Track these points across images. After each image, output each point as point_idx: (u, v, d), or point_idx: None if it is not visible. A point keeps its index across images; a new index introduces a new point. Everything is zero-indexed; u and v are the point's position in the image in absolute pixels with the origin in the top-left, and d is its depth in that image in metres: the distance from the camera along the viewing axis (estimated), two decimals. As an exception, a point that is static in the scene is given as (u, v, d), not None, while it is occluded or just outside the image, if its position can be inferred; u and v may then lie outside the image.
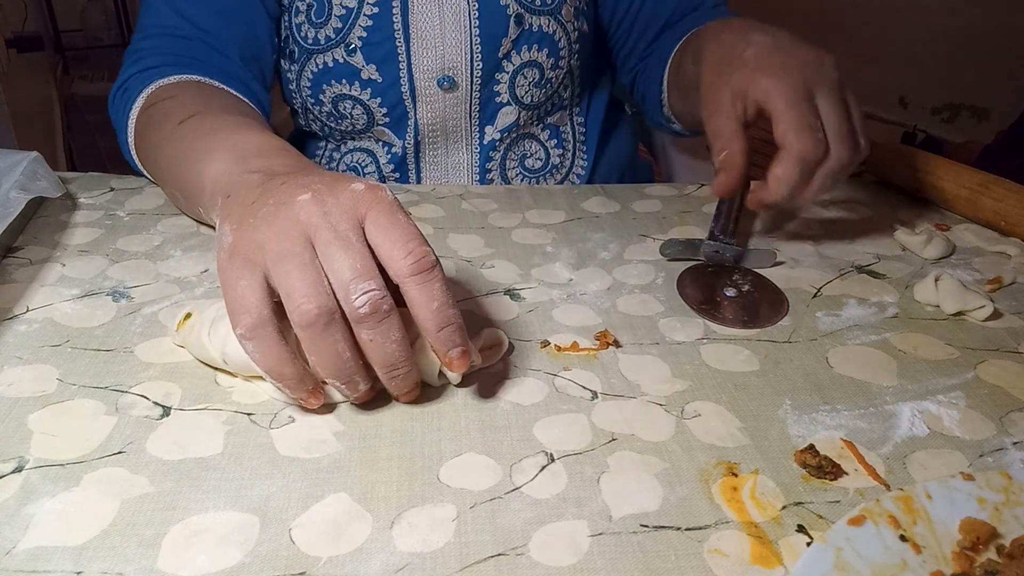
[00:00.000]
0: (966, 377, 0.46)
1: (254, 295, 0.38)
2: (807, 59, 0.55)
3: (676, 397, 0.43)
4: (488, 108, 0.75)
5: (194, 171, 0.50)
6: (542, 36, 0.72)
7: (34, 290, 0.50)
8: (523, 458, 0.38)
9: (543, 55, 0.73)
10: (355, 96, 0.72)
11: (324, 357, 0.38)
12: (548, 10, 0.72)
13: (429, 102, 0.73)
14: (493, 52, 0.71)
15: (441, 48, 0.71)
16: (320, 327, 0.37)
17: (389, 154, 0.77)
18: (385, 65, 0.71)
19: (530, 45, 0.72)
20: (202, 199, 0.49)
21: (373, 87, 0.72)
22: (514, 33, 0.71)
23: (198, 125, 0.55)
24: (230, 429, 0.39)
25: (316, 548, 0.33)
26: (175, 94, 0.61)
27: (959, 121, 2.86)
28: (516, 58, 0.73)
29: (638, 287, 0.54)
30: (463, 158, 0.77)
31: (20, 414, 0.40)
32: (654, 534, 0.34)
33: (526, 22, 0.71)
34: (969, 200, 0.65)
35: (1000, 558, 0.33)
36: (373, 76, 0.71)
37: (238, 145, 0.49)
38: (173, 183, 0.57)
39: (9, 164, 0.57)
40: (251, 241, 0.39)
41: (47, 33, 2.48)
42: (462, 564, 0.33)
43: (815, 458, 0.39)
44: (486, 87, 0.73)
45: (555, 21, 0.73)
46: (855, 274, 0.57)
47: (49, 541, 0.33)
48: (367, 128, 0.75)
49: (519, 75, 0.73)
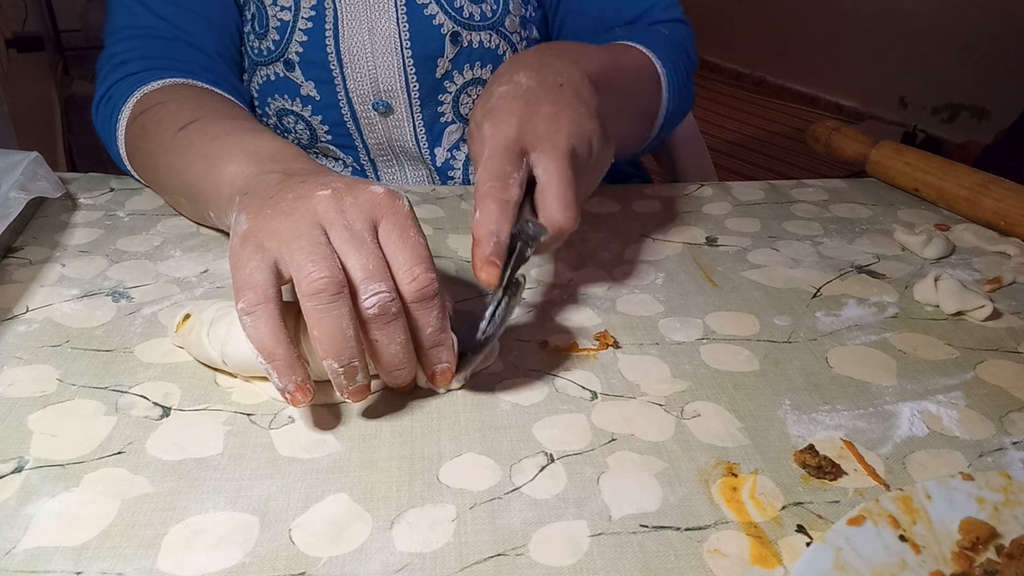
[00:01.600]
0: (966, 377, 0.46)
1: (261, 275, 0.38)
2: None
3: (676, 397, 0.43)
4: (434, 129, 0.72)
5: (208, 176, 0.50)
6: (483, 52, 0.69)
7: (34, 290, 0.50)
8: (523, 458, 0.38)
9: (486, 71, 0.70)
10: (296, 112, 0.70)
11: (328, 330, 0.37)
12: (488, 24, 0.68)
13: (370, 125, 0.71)
14: (429, 73, 0.69)
15: (373, 71, 0.68)
16: (328, 296, 0.37)
17: (347, 169, 0.75)
18: (322, 85, 0.68)
19: (471, 63, 0.69)
20: (217, 203, 0.49)
21: (313, 104, 0.69)
22: (451, 52, 0.68)
23: (201, 131, 0.54)
24: (230, 429, 0.40)
25: (316, 548, 0.33)
26: (164, 100, 0.59)
27: (959, 121, 2.86)
28: (458, 77, 0.70)
29: (638, 287, 0.54)
30: (421, 174, 0.75)
31: (20, 414, 0.40)
32: (654, 534, 0.34)
33: (464, 39, 0.68)
34: (969, 200, 0.65)
35: (999, 558, 0.33)
36: (312, 94, 0.69)
37: (253, 149, 0.49)
38: (179, 189, 0.56)
39: (9, 164, 0.57)
40: (266, 228, 0.39)
41: (47, 33, 2.48)
42: (462, 564, 0.33)
43: (815, 458, 0.39)
44: (427, 108, 0.70)
45: (497, 35, 0.69)
46: (855, 274, 0.57)
47: (49, 541, 0.33)
48: (312, 143, 0.73)
49: (463, 94, 0.71)
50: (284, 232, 0.39)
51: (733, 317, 0.51)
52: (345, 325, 0.37)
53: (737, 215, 0.66)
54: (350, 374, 0.38)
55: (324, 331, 0.37)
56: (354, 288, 0.38)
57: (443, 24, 0.67)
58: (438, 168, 0.74)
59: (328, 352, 0.37)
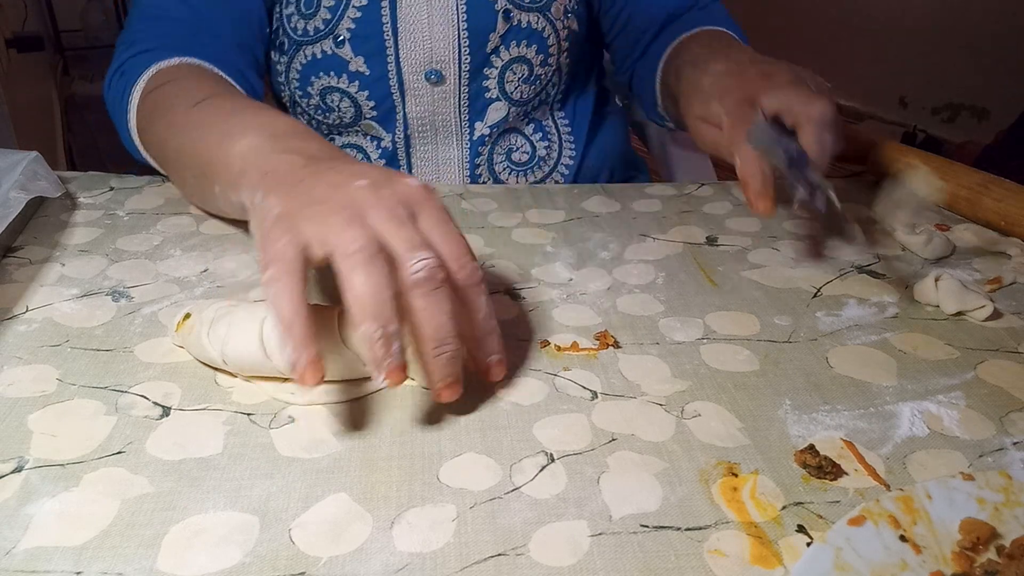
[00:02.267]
0: (966, 377, 0.46)
1: (291, 251, 0.38)
2: (802, 73, 0.57)
3: (676, 397, 0.43)
4: (477, 103, 0.75)
5: (219, 149, 0.50)
6: (531, 32, 0.73)
7: (34, 290, 0.50)
8: (523, 458, 0.38)
9: (532, 51, 0.74)
10: (343, 89, 0.72)
11: (367, 287, 0.36)
12: (537, 7, 0.72)
13: (417, 96, 0.73)
14: (481, 47, 0.72)
15: (429, 41, 0.71)
16: (367, 254, 0.36)
17: (379, 149, 0.77)
18: (373, 58, 0.71)
19: (519, 41, 0.73)
20: (226, 176, 0.49)
21: (361, 80, 0.72)
22: (502, 28, 0.72)
23: (216, 107, 0.55)
24: (230, 429, 0.39)
25: (316, 548, 0.33)
26: (177, 77, 0.61)
27: (959, 121, 2.86)
28: (504, 53, 0.73)
29: (638, 287, 0.54)
30: (453, 153, 0.77)
31: (20, 414, 0.40)
32: (654, 534, 0.34)
33: (514, 18, 0.72)
34: (969, 200, 0.65)
35: (1000, 558, 0.33)
36: (361, 69, 0.71)
37: (268, 125, 0.49)
38: (188, 164, 0.56)
39: (9, 164, 0.57)
40: (300, 213, 0.39)
41: (47, 33, 2.48)
42: (462, 564, 0.33)
43: (815, 458, 0.39)
44: (474, 82, 0.74)
45: (544, 18, 0.73)
46: (855, 274, 0.57)
47: (49, 541, 0.33)
48: (354, 122, 0.75)
49: (508, 71, 0.74)
50: (320, 216, 0.38)
51: (733, 317, 0.51)
52: (384, 285, 0.36)
53: (737, 215, 0.66)
54: (387, 342, 0.36)
55: (362, 290, 0.36)
56: (397, 260, 0.37)
57: (497, 0, 0.71)
58: (472, 143, 0.77)
59: (365, 314, 0.36)
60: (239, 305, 0.43)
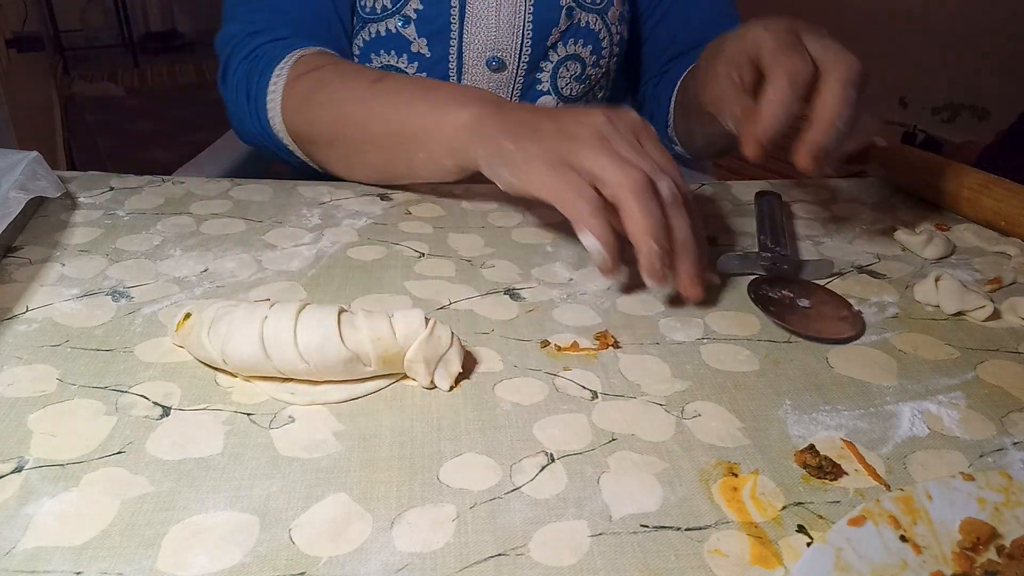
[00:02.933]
0: (966, 377, 0.46)
1: (588, 189, 0.48)
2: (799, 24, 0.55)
3: (676, 397, 0.43)
4: (529, 95, 0.77)
5: (432, 118, 0.57)
6: (588, 32, 0.75)
7: (34, 290, 0.50)
8: (523, 458, 0.38)
9: (587, 51, 0.76)
10: (402, 68, 0.74)
11: (650, 218, 0.47)
12: (597, 9, 0.75)
13: (475, 82, 0.75)
14: (542, 39, 0.74)
15: (495, 29, 0.73)
16: (649, 191, 0.47)
17: None
18: (436, 40, 0.72)
19: (576, 39, 0.75)
20: (442, 142, 0.57)
21: (421, 61, 0.73)
22: (564, 24, 0.74)
23: (404, 83, 0.61)
24: (230, 429, 0.39)
25: (316, 548, 0.33)
26: (326, 64, 0.65)
27: (959, 121, 2.86)
28: (562, 49, 0.75)
29: (638, 287, 0.54)
30: None
31: (20, 414, 0.40)
32: (654, 534, 0.34)
33: (576, 16, 0.74)
34: (969, 200, 0.65)
35: (1000, 558, 0.33)
36: (422, 50, 0.73)
37: (481, 96, 0.57)
38: (373, 136, 0.61)
39: (9, 164, 0.57)
40: (566, 147, 0.49)
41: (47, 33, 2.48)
42: (462, 564, 0.33)
43: (815, 458, 0.39)
44: (531, 73, 0.75)
45: (601, 20, 0.75)
46: (855, 274, 0.57)
47: (49, 541, 0.33)
48: None
49: (562, 66, 0.76)
50: (584, 150, 0.48)
51: (733, 317, 0.51)
52: (658, 211, 0.47)
53: (737, 215, 0.66)
54: (661, 254, 0.47)
55: (647, 219, 0.47)
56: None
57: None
58: None
59: (650, 233, 0.47)
60: (239, 305, 0.43)
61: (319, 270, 0.54)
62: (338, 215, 0.62)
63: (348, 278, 0.54)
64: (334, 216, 0.62)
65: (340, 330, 0.41)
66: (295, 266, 0.55)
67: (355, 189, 0.67)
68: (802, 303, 0.52)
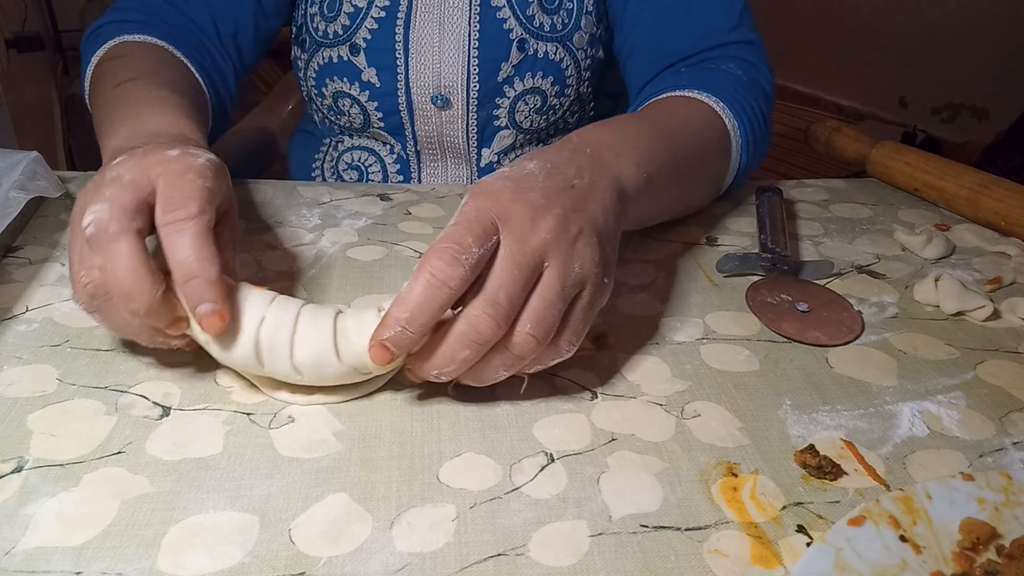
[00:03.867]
0: (966, 377, 0.46)
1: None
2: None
3: (676, 397, 0.43)
4: (486, 130, 0.74)
5: (104, 139, 0.52)
6: (547, 63, 0.71)
7: (34, 290, 0.50)
8: (523, 458, 0.38)
9: (547, 82, 0.71)
10: (353, 96, 0.72)
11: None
12: (557, 37, 0.70)
13: (424, 117, 0.73)
14: (492, 75, 0.70)
15: (438, 66, 0.70)
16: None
17: (393, 154, 0.77)
18: (384, 72, 0.71)
19: (534, 72, 0.71)
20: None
21: (371, 91, 0.72)
22: (516, 58, 0.70)
23: (125, 94, 0.55)
24: (230, 429, 0.39)
25: (316, 548, 0.33)
26: (127, 54, 0.62)
27: (959, 121, 2.86)
28: (518, 84, 0.71)
29: (638, 287, 0.54)
30: (463, 172, 0.77)
31: (20, 414, 0.40)
32: (654, 534, 0.34)
33: (530, 48, 0.70)
34: (969, 200, 0.65)
35: (1000, 558, 0.33)
36: (373, 80, 0.71)
37: (137, 128, 0.50)
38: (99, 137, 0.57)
39: (9, 164, 0.57)
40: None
41: (47, 33, 2.48)
42: (462, 564, 0.33)
43: (815, 458, 0.39)
44: (483, 109, 0.72)
45: (563, 48, 0.71)
46: (855, 274, 0.57)
47: (49, 541, 0.33)
48: (363, 128, 0.75)
49: (520, 101, 0.72)
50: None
51: (733, 317, 0.51)
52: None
53: (737, 215, 0.66)
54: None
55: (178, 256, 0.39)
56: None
57: (512, 29, 0.69)
58: (481, 169, 0.76)
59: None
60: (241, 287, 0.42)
61: (319, 270, 0.54)
62: (338, 215, 0.62)
63: (348, 278, 0.54)
64: (334, 216, 0.62)
65: (336, 344, 0.40)
66: (295, 266, 0.55)
67: (355, 189, 0.67)
68: (801, 307, 0.51)
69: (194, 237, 0.38)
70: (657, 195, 0.52)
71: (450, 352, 0.38)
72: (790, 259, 0.56)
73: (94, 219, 0.38)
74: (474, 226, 0.38)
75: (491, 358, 0.39)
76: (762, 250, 0.58)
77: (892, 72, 3.01)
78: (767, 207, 0.63)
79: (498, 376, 0.39)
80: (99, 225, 0.37)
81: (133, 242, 0.38)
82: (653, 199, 0.52)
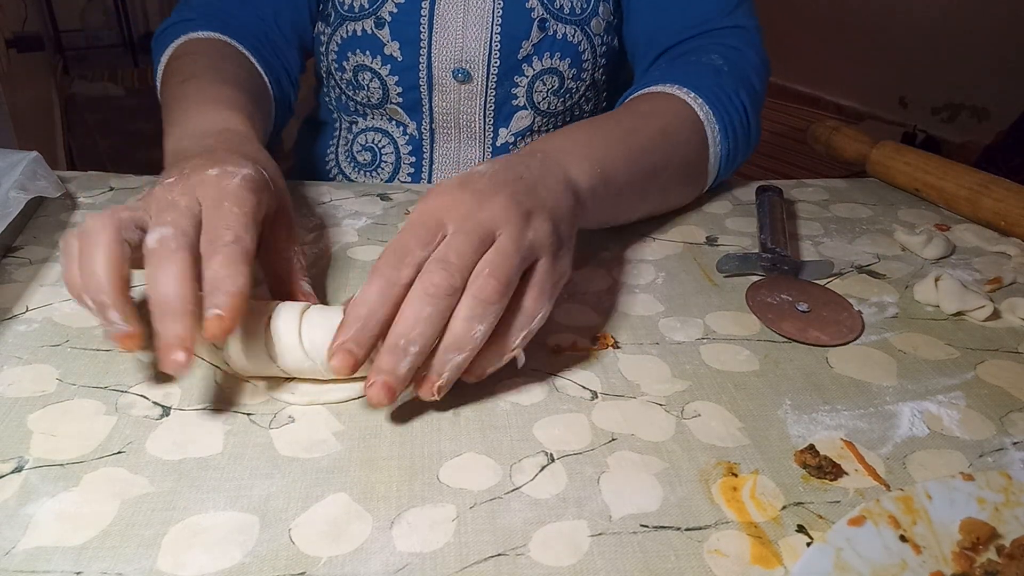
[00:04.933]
0: (966, 377, 0.46)
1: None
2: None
3: (676, 397, 0.43)
4: (504, 109, 0.75)
5: (164, 139, 0.54)
6: (565, 45, 0.72)
7: (34, 290, 0.50)
8: (523, 458, 0.38)
9: (564, 64, 0.73)
10: (375, 69, 0.73)
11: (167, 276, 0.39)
12: (576, 20, 0.72)
13: (444, 92, 0.74)
14: (512, 52, 0.72)
15: (460, 40, 0.72)
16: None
17: (406, 135, 0.78)
18: (408, 46, 0.72)
19: (552, 52, 0.73)
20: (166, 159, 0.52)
21: (393, 64, 0.73)
22: (536, 37, 0.72)
23: (185, 92, 0.58)
24: (230, 429, 0.39)
25: (316, 548, 0.33)
26: (195, 52, 0.65)
27: (959, 121, 2.86)
28: (537, 63, 0.73)
29: (638, 287, 0.54)
30: (475, 154, 0.78)
31: (20, 414, 0.40)
32: (654, 534, 0.34)
33: (550, 28, 0.72)
34: (969, 200, 0.65)
35: (1000, 558, 0.33)
36: (395, 53, 0.72)
37: (186, 127, 0.52)
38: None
39: (9, 164, 0.57)
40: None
41: (47, 33, 2.48)
42: (462, 564, 0.33)
43: (815, 458, 0.39)
44: (502, 87, 0.74)
45: (581, 32, 0.72)
46: (855, 274, 0.57)
47: (49, 541, 0.33)
48: (381, 104, 0.76)
49: (538, 81, 0.74)
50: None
51: (733, 317, 0.51)
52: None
53: (737, 215, 0.66)
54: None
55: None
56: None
57: (534, 8, 0.71)
58: (496, 149, 0.77)
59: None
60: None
61: (319, 270, 0.54)
62: (338, 215, 0.62)
63: (348, 278, 0.54)
64: (334, 216, 0.62)
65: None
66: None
67: (355, 189, 0.67)
68: (801, 307, 0.51)
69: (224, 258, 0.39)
70: (621, 192, 0.54)
71: (413, 314, 0.38)
72: (790, 259, 0.56)
73: (159, 237, 0.39)
74: (418, 230, 0.40)
75: (458, 311, 0.38)
76: (762, 250, 0.58)
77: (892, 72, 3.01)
78: (767, 207, 0.63)
79: (475, 335, 0.39)
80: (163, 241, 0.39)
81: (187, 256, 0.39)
82: (617, 196, 0.54)
